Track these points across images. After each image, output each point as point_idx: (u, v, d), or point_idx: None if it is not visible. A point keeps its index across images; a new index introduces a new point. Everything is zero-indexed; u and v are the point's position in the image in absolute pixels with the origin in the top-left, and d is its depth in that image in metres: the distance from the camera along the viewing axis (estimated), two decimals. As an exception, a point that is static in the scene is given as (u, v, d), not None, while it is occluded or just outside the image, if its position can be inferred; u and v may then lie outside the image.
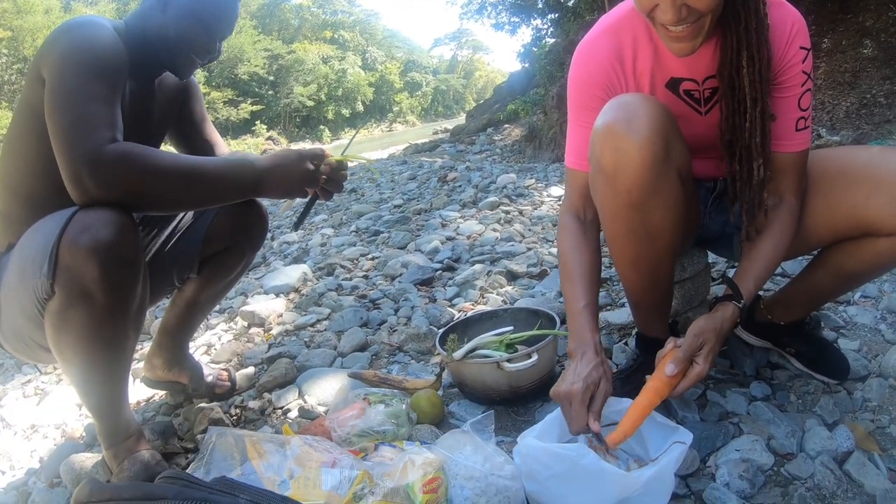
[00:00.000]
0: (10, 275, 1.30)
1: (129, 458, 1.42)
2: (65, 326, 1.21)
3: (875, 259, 1.30)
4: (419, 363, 1.91)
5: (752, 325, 1.65)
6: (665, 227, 1.22)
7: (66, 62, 1.24)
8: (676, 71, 1.31)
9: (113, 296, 1.19)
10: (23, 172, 1.39)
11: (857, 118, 5.99)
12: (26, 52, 25.76)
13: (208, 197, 1.34)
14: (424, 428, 1.45)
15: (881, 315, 1.88)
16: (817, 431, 1.32)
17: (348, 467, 1.09)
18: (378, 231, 3.80)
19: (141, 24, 1.50)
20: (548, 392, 1.53)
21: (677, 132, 1.20)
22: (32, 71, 1.31)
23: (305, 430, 1.40)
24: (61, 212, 1.23)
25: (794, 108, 1.28)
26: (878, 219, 1.22)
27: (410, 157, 11.89)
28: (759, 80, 1.20)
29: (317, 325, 2.32)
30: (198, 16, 1.49)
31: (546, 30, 17.95)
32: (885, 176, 1.21)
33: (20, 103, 1.37)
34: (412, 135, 36.94)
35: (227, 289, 1.86)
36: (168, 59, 1.53)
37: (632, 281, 1.37)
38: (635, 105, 1.15)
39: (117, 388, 1.38)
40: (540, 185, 4.80)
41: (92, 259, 1.14)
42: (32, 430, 2.04)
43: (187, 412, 1.80)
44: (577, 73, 1.38)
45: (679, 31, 1.13)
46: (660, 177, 1.15)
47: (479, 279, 2.51)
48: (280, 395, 1.81)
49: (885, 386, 1.51)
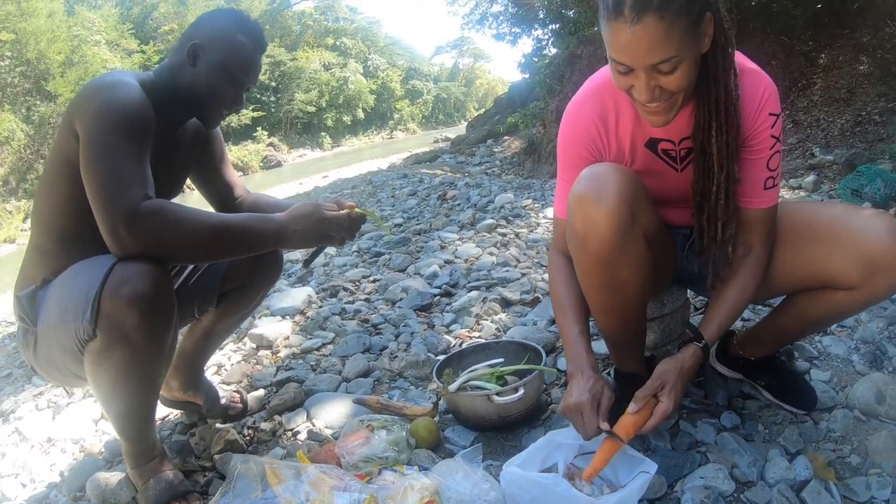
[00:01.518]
0: (50, 313, 1.43)
1: (154, 477, 1.55)
2: (104, 364, 1.36)
3: (834, 309, 1.44)
4: (418, 388, 2.06)
5: (726, 358, 1.78)
6: (632, 281, 1.38)
7: (100, 122, 1.35)
8: (655, 132, 1.45)
9: (149, 339, 1.33)
10: (56, 212, 1.51)
11: (851, 136, 6.09)
12: (29, 56, 25.75)
13: (233, 251, 1.49)
14: (422, 452, 1.59)
15: (855, 345, 1.99)
16: (778, 461, 1.44)
17: (357, 491, 1.24)
18: (379, 253, 3.95)
19: (170, 77, 1.60)
20: (533, 420, 1.70)
21: (645, 199, 1.36)
22: (66, 123, 1.44)
23: (317, 455, 1.56)
24: (99, 259, 1.37)
25: (763, 168, 1.40)
26: (836, 274, 1.35)
27: (411, 169, 12.05)
28: (727, 147, 1.33)
29: (322, 349, 2.46)
30: (227, 70, 1.59)
31: (547, 40, 18.08)
32: (845, 236, 1.34)
33: (53, 150, 1.49)
34: (413, 142, 37.03)
35: (242, 320, 2.01)
36: (197, 111, 1.64)
37: (604, 324, 1.53)
38: (606, 176, 1.30)
39: (147, 415, 1.53)
40: (537, 205, 4.95)
41: (131, 308, 1.28)
42: (49, 443, 2.15)
43: (203, 432, 1.93)
44: (564, 132, 1.53)
45: (654, 107, 1.25)
46: (625, 240, 1.30)
47: (474, 306, 2.66)
48: (290, 417, 1.95)
49: (850, 417, 1.62)
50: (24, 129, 25.11)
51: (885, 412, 1.61)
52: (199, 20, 1.66)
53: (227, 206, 1.94)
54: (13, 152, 24.57)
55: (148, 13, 40.11)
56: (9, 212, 22.61)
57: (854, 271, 1.32)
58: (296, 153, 41.05)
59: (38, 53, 25.94)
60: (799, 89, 7.33)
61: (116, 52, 31.92)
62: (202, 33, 1.59)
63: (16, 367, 3.56)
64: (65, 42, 27.06)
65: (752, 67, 1.38)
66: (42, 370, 1.58)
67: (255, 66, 1.67)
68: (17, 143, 24.65)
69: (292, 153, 40.56)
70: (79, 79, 25.93)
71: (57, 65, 26.60)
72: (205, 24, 1.62)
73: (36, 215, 1.57)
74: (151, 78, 1.60)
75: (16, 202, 23.28)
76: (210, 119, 1.68)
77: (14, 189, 23.98)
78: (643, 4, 1.11)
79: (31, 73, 26.23)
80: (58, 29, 26.81)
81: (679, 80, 1.20)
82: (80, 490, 1.77)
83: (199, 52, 1.57)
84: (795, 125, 6.85)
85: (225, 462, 1.72)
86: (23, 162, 24.87)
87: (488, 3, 21.00)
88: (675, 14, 1.12)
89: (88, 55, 27.94)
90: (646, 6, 1.11)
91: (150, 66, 34.75)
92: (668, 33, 1.13)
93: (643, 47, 1.15)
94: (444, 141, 26.87)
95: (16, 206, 23.01)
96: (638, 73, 1.20)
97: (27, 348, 1.53)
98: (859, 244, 1.31)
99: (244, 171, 30.90)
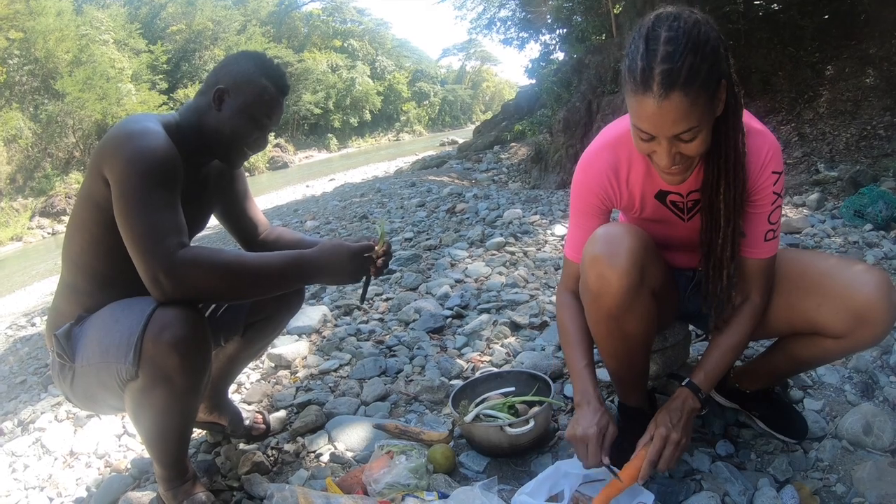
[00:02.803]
0: (90, 352, 1.51)
1: (187, 499, 1.66)
2: (146, 402, 1.48)
3: (822, 353, 1.57)
4: (433, 413, 2.17)
5: (723, 390, 1.89)
6: (638, 332, 1.51)
7: (132, 173, 1.42)
8: (664, 186, 1.55)
9: (188, 379, 1.45)
10: (87, 252, 1.58)
11: (856, 151, 6.15)
12: (37, 54, 25.89)
13: (268, 290, 1.59)
14: (439, 477, 1.71)
15: (848, 374, 2.08)
16: (766, 491, 1.55)
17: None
18: (391, 270, 4.06)
19: (196, 120, 1.66)
20: (542, 447, 1.82)
21: (654, 258, 1.48)
22: (93, 168, 1.49)
23: (343, 481, 1.69)
24: (136, 302, 1.48)
25: (765, 222, 1.50)
26: (825, 323, 1.47)
27: (418, 176, 12.14)
28: (734, 203, 1.43)
29: (339, 371, 2.59)
30: (251, 114, 1.64)
31: (554, 45, 18.17)
32: (834, 289, 1.46)
33: (82, 194, 1.56)
34: (419, 145, 37.08)
35: (265, 347, 2.14)
36: (223, 154, 1.71)
37: (611, 366, 1.67)
38: (619, 239, 1.42)
39: (184, 444, 1.65)
40: (545, 220, 5.07)
41: (172, 352, 1.40)
42: (72, 457, 2.25)
43: (228, 451, 2.05)
44: (577, 181, 1.63)
45: (673, 169, 1.34)
46: (634, 298, 1.43)
47: (485, 329, 2.78)
48: (312, 440, 2.06)
49: (839, 447, 1.71)
50: (32, 128, 25.30)
51: (871, 443, 1.71)
52: (223, 63, 1.72)
53: (251, 241, 2.02)
54: (20, 150, 24.73)
55: (156, 13, 40.28)
56: (16, 209, 22.77)
57: (841, 323, 1.44)
58: (302, 154, 41.26)
59: (46, 52, 26.05)
60: (805, 101, 7.36)
61: (124, 51, 32.09)
62: (227, 77, 1.65)
63: (30, 374, 3.65)
64: (73, 41, 27.19)
65: (757, 127, 1.47)
66: (78, 401, 1.67)
67: (279, 110, 1.72)
68: (25, 142, 24.83)
69: (299, 154, 40.77)
70: (86, 78, 26.08)
71: (65, 63, 26.74)
72: (229, 68, 1.68)
73: (67, 254, 1.63)
74: (176, 120, 1.66)
75: (23, 200, 23.45)
76: (234, 161, 1.74)
77: (21, 187, 24.15)
78: (671, 81, 1.19)
79: (39, 72, 26.38)
80: (66, 28, 26.94)
81: (698, 146, 1.29)
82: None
83: (225, 96, 1.64)
84: (801, 138, 6.88)
85: (253, 483, 1.84)
86: (30, 160, 25.04)
87: (496, 8, 21.13)
88: (699, 88, 1.20)
89: (96, 54, 28.10)
90: (673, 83, 1.19)
91: (157, 66, 35.04)
92: (692, 107, 1.21)
93: (668, 120, 1.23)
94: (450, 144, 27.01)
95: (23, 204, 23.18)
96: (660, 141, 1.28)
97: (64, 381, 1.60)
98: (848, 299, 1.42)
99: (251, 172, 30.99)
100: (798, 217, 4.22)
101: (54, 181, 24.51)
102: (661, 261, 1.55)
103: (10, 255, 18.43)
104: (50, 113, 25.88)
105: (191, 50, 39.45)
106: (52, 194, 23.59)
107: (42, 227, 22.17)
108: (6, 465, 2.27)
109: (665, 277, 1.56)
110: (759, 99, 7.73)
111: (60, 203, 22.82)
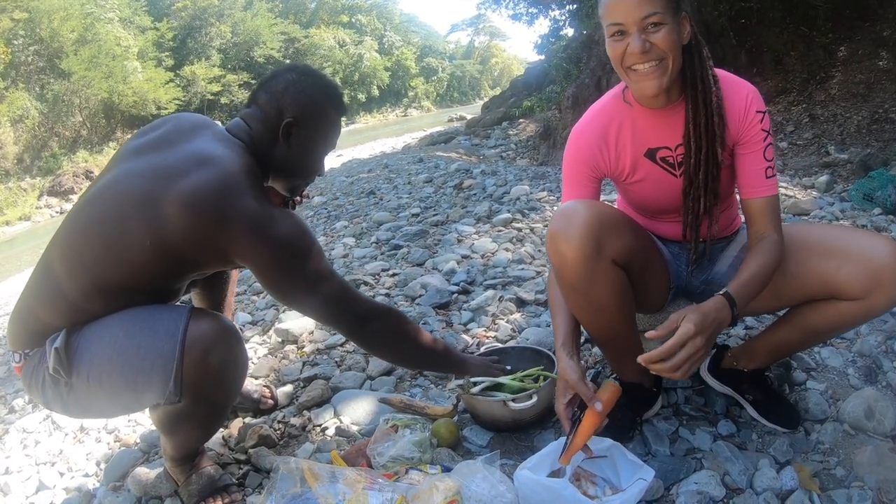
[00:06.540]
0: (102, 374, 1.41)
1: (196, 472, 1.70)
2: (186, 420, 1.51)
3: (837, 319, 1.56)
4: (437, 388, 2.20)
5: (718, 372, 1.88)
6: (608, 302, 1.53)
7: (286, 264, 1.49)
8: (652, 142, 1.62)
9: (232, 396, 1.53)
10: (101, 261, 1.44)
11: (867, 134, 6.10)
12: (42, 34, 25.89)
13: (426, 368, 2.10)
14: (443, 451, 1.74)
15: (852, 358, 2.08)
16: (766, 471, 1.57)
17: (389, 490, 1.39)
18: (398, 245, 4.07)
19: (269, 153, 1.63)
20: (544, 422, 1.85)
21: (615, 228, 1.50)
22: (186, 222, 1.39)
23: (347, 454, 1.72)
24: (153, 318, 1.41)
25: (761, 159, 1.56)
26: (845, 284, 1.48)
27: (426, 152, 12.10)
28: (707, 130, 1.52)
29: (346, 345, 2.61)
30: (322, 149, 1.73)
31: (564, 21, 17.91)
32: (854, 251, 1.48)
33: (146, 230, 1.41)
34: (427, 121, 36.98)
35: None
36: (289, 185, 1.75)
37: (597, 340, 1.75)
38: (573, 213, 1.47)
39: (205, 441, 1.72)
40: (552, 197, 5.04)
41: (219, 376, 1.43)
42: (83, 432, 2.29)
43: (235, 425, 2.08)
44: (569, 152, 1.71)
45: (647, 68, 1.43)
46: (593, 269, 1.46)
47: (491, 305, 2.79)
48: (318, 413, 2.09)
49: (839, 430, 1.72)
50: (38, 108, 25.39)
51: (872, 427, 1.71)
52: (287, 89, 1.64)
53: None
54: (27, 130, 24.85)
55: (161, -11, 39.98)
56: (24, 189, 22.92)
57: (860, 284, 1.46)
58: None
59: (51, 31, 26.07)
60: (817, 82, 7.28)
61: (130, 28, 31.96)
62: (293, 109, 1.62)
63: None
64: (78, 20, 27.14)
65: (734, 77, 1.58)
66: (70, 414, 1.59)
67: (335, 144, 1.79)
68: (32, 122, 24.95)
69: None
70: (92, 56, 26.07)
71: (70, 42, 26.76)
72: (295, 96, 1.63)
73: (77, 257, 1.47)
74: (251, 153, 1.59)
75: (30, 180, 23.61)
76: (296, 191, 1.79)
77: (29, 167, 24.30)
78: None
79: (45, 52, 26.43)
80: (71, 7, 26.90)
81: (665, 37, 1.40)
82: (119, 480, 1.91)
83: (293, 129, 1.63)
84: (812, 119, 6.81)
85: (260, 456, 1.86)
86: (37, 140, 25.17)
87: (506, -17, 20.84)
88: None
89: (101, 33, 28.04)
90: None
91: (163, 43, 34.85)
92: None
93: (633, 4, 1.37)
94: (458, 120, 26.90)
95: (30, 184, 23.33)
96: (630, 30, 1.40)
97: (54, 394, 1.49)
98: (868, 260, 1.45)
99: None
100: (807, 199, 4.18)
101: (62, 160, 24.63)
102: (630, 232, 1.57)
103: (19, 234, 18.56)
104: (56, 92, 25.91)
105: (196, 26, 39.25)
106: (59, 173, 23.69)
107: (50, 206, 22.28)
108: (18, 441, 2.32)
109: (633, 248, 1.56)
110: (771, 79, 7.65)
111: (68, 182, 22.89)
